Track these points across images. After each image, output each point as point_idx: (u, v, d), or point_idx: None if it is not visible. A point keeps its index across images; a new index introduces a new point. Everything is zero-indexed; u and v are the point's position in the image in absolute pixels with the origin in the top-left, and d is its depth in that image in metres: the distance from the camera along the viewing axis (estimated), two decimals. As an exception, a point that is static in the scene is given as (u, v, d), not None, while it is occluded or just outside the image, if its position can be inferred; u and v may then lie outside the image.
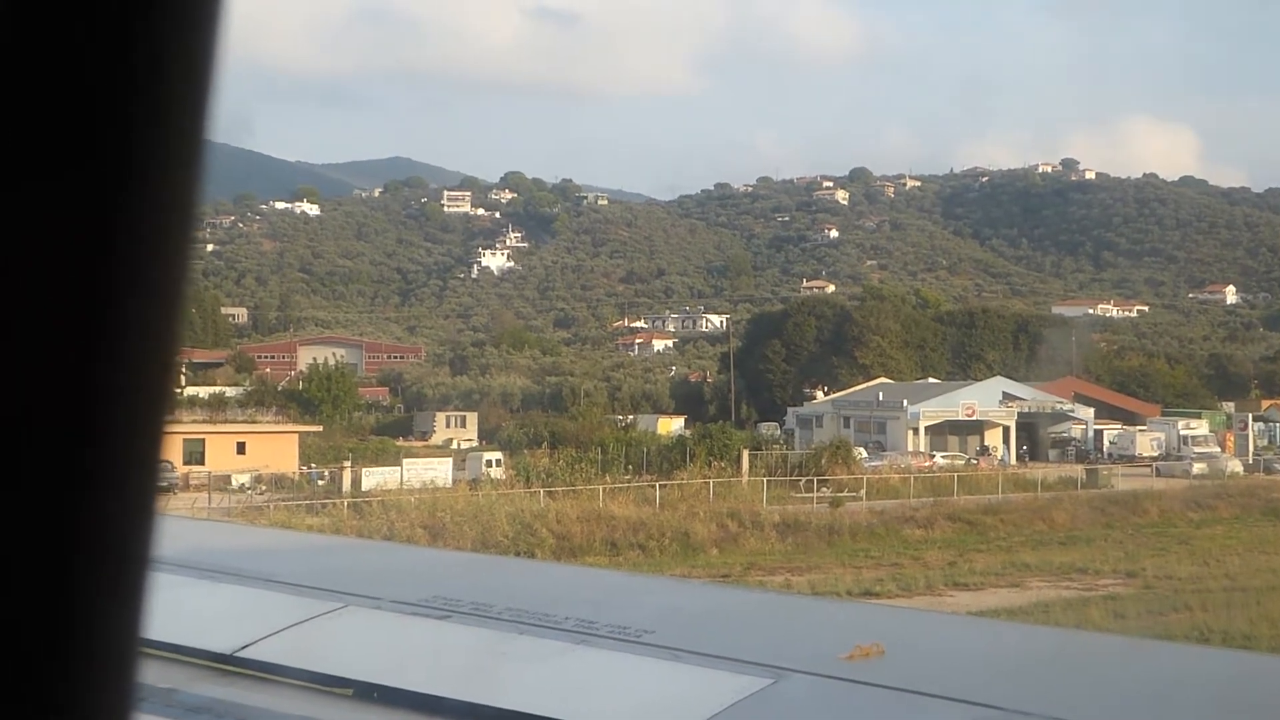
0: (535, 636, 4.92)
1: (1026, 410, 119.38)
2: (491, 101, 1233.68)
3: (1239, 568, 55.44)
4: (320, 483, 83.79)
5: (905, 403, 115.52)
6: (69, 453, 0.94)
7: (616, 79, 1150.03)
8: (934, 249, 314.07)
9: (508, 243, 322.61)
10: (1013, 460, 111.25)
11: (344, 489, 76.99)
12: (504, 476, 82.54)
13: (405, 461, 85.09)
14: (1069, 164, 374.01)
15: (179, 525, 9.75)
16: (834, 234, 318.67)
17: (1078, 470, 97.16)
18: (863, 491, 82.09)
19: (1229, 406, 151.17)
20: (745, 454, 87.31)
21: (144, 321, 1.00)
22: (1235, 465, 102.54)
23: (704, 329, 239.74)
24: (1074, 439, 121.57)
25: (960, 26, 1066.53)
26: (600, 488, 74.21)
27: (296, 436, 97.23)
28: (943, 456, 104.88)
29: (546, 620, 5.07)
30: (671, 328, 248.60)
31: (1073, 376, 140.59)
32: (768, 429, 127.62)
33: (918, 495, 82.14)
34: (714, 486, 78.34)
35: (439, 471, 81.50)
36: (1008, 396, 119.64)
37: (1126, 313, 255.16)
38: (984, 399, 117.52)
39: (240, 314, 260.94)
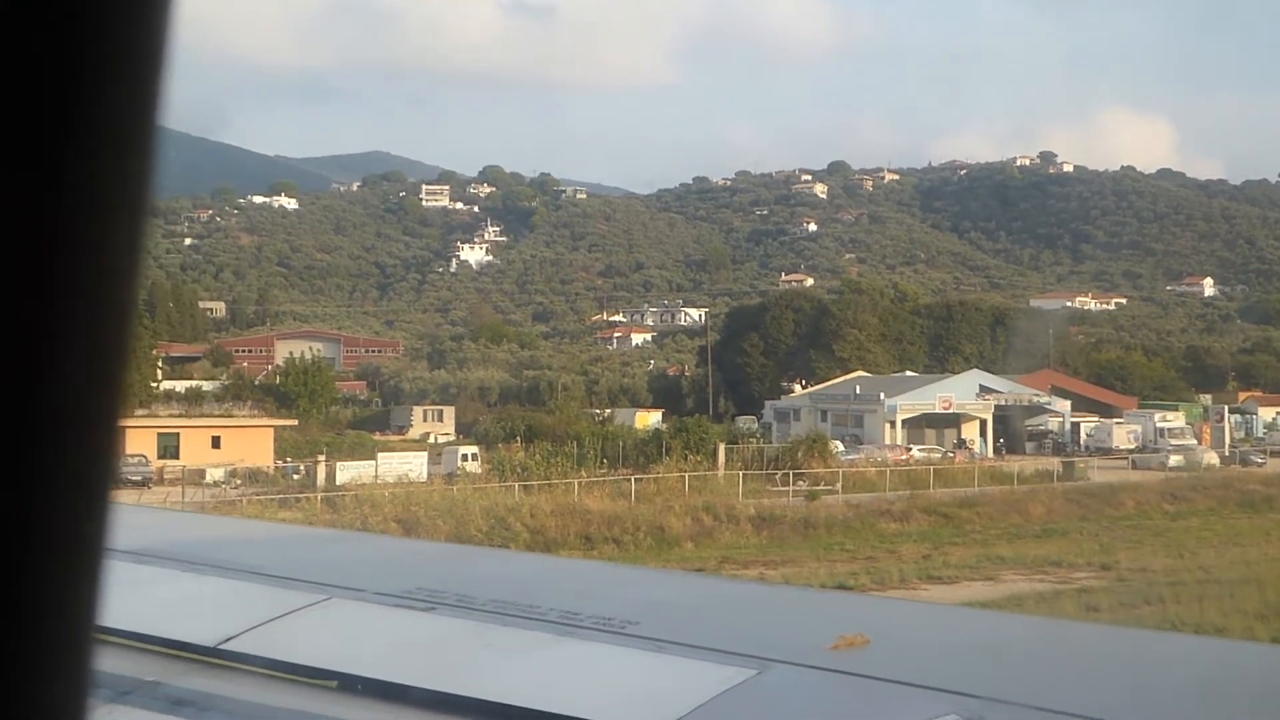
0: (519, 628, 4.88)
1: (1003, 403, 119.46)
2: (470, 95, 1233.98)
3: (1214, 560, 55.39)
4: (296, 477, 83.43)
5: (882, 395, 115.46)
6: (22, 446, 0.95)
7: (594, 72, 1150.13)
8: (912, 242, 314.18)
9: (486, 237, 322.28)
10: (989, 453, 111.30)
11: (319, 483, 76.72)
12: (479, 470, 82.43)
13: (380, 455, 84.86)
14: (1047, 156, 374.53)
15: (161, 517, 9.90)
16: (812, 227, 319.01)
17: (1054, 463, 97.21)
18: (839, 485, 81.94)
19: (1206, 399, 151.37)
20: (721, 447, 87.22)
21: (96, 313, 0.99)
22: (1212, 457, 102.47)
23: (682, 323, 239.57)
24: (1051, 432, 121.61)
25: (939, 19, 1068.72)
26: (575, 481, 74.00)
27: (271, 430, 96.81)
28: (919, 449, 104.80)
29: (530, 612, 5.04)
30: (650, 321, 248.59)
31: (1049, 369, 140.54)
32: (745, 423, 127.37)
33: (894, 488, 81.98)
34: (690, 480, 78.17)
35: (414, 465, 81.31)
36: (984, 389, 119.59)
37: (1104, 305, 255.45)
38: (960, 392, 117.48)
39: (218, 308, 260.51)
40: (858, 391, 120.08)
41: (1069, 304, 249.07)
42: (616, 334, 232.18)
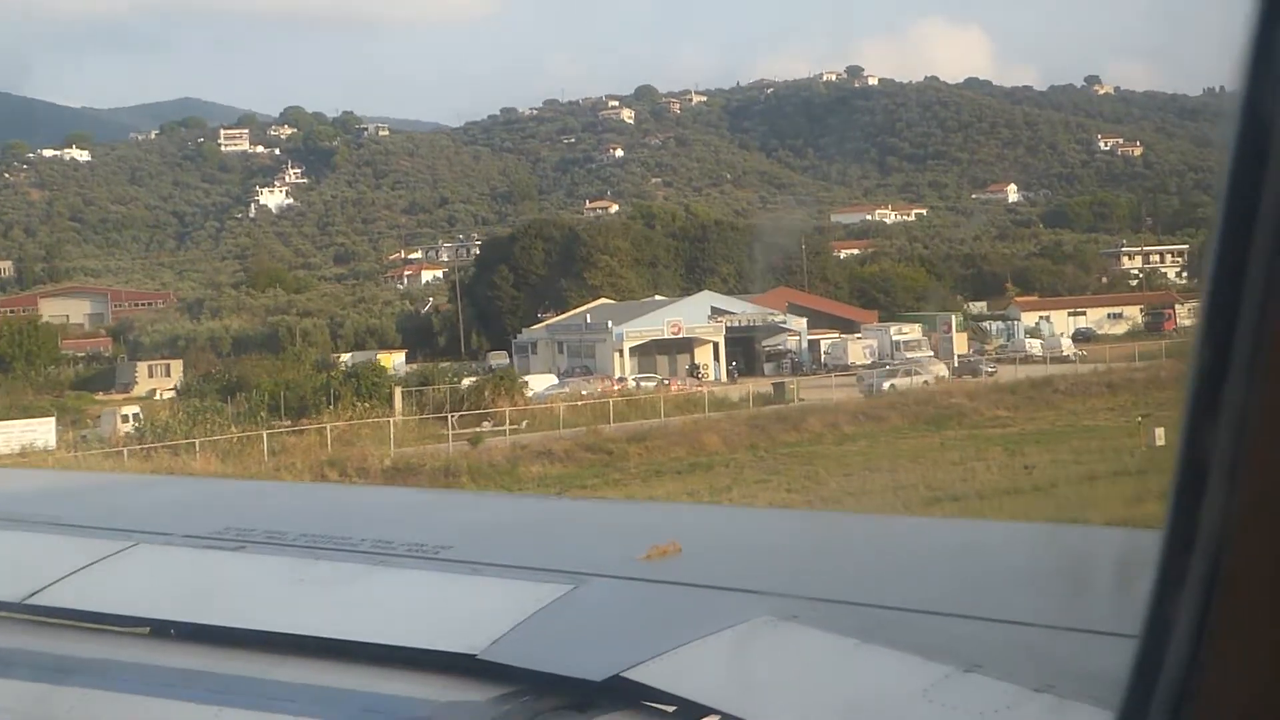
0: (331, 560, 4.83)
1: (736, 324, 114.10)
2: (278, 36, 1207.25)
3: (832, 491, 50.97)
4: (-46, 448, 76.45)
5: (609, 324, 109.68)
6: None
7: (404, 7, 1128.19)
8: (719, 163, 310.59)
9: (286, 179, 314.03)
10: (724, 377, 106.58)
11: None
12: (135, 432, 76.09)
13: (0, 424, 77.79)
14: (854, 71, 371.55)
15: None
16: (620, 153, 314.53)
17: (787, 383, 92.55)
18: (523, 424, 76.78)
19: (980, 306, 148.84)
20: (398, 391, 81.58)
21: None
22: (940, 369, 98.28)
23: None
24: (790, 351, 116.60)
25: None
26: (197, 440, 67.86)
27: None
28: (635, 379, 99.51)
29: (342, 544, 4.99)
30: (445, 258, 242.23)
31: (784, 286, 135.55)
32: (497, 358, 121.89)
33: (582, 424, 76.76)
34: (361, 430, 72.90)
35: (40, 433, 74.33)
36: (716, 311, 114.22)
37: (905, 216, 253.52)
38: (692, 315, 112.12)
39: (5, 267, 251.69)
40: (588, 321, 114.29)
41: (869, 217, 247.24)
42: (407, 272, 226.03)
